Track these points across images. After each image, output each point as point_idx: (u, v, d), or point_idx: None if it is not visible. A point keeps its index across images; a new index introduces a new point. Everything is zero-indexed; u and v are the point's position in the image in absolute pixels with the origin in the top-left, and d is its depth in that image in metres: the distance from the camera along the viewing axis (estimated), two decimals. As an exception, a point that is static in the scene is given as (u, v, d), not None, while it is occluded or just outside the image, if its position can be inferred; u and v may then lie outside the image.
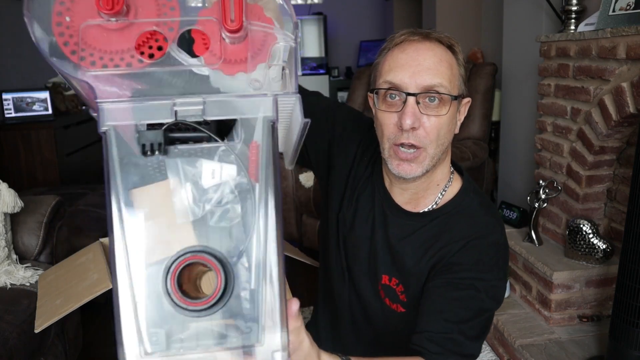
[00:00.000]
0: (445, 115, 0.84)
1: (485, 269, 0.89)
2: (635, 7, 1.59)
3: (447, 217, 0.93)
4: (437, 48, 0.85)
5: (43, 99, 3.22)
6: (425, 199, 0.95)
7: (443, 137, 0.86)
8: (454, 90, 0.85)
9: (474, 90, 2.81)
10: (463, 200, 0.94)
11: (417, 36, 0.86)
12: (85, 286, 1.02)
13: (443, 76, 0.83)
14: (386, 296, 0.97)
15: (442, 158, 0.90)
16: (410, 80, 0.83)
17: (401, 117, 0.83)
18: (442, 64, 0.84)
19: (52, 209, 1.85)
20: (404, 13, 4.87)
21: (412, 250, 0.94)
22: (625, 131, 1.72)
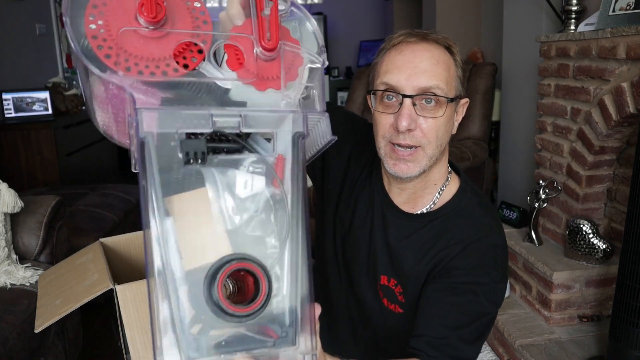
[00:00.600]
0: (442, 117, 0.84)
1: (484, 273, 0.88)
2: (635, 7, 1.59)
3: (445, 219, 0.92)
4: (434, 49, 0.84)
5: (43, 99, 3.22)
6: (423, 199, 0.95)
7: (441, 138, 0.86)
8: (450, 91, 0.85)
9: (474, 90, 2.81)
10: (461, 201, 0.94)
11: (415, 37, 0.85)
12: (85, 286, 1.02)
13: (440, 78, 0.83)
14: (384, 296, 0.97)
15: (439, 158, 0.90)
16: (406, 82, 0.83)
17: (397, 119, 0.83)
18: (439, 65, 0.84)
19: (52, 209, 1.85)
20: (404, 13, 4.87)
21: (412, 251, 0.94)
22: (625, 131, 1.72)
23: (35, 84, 3.58)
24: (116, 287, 0.96)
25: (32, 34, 3.79)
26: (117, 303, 0.96)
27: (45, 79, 3.67)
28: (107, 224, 2.41)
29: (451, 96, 0.85)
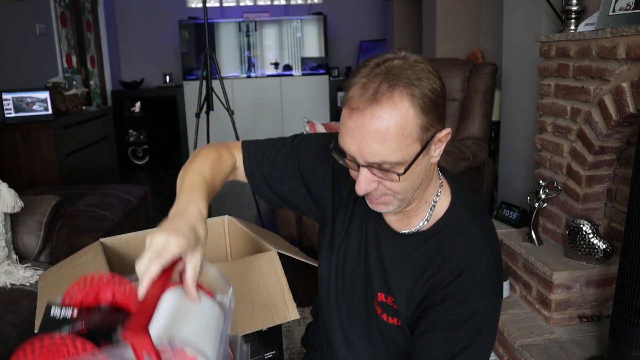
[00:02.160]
0: (404, 175, 0.79)
1: (480, 298, 0.88)
2: (635, 7, 1.59)
3: (439, 238, 0.91)
4: (384, 113, 0.75)
5: (43, 99, 3.22)
6: (416, 217, 0.93)
7: (409, 188, 0.83)
8: (407, 156, 0.78)
9: (474, 90, 2.81)
10: (453, 218, 0.91)
11: (365, 98, 0.76)
12: (85, 286, 1.01)
13: (388, 150, 0.76)
14: (383, 312, 0.97)
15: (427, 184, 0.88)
16: (357, 153, 0.79)
17: (356, 184, 0.81)
18: (388, 134, 0.76)
19: (52, 209, 1.85)
20: (404, 13, 4.87)
21: (406, 273, 0.93)
22: (625, 131, 1.72)
23: (35, 84, 3.58)
24: (116, 287, 0.96)
25: (32, 34, 3.79)
26: (117, 303, 0.96)
27: (45, 79, 3.67)
28: (107, 224, 2.41)
29: (411, 157, 0.78)
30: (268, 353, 1.14)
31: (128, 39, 5.87)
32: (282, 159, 1.03)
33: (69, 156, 3.29)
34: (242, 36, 5.82)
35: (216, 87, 3.44)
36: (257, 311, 1.06)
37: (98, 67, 5.33)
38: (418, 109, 0.77)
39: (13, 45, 3.48)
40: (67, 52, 4.52)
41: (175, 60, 5.86)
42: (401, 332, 0.96)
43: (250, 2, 5.98)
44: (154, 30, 5.85)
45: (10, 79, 3.39)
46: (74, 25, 4.70)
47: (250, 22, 5.75)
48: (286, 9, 6.02)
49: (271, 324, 1.07)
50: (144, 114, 5.66)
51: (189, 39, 5.69)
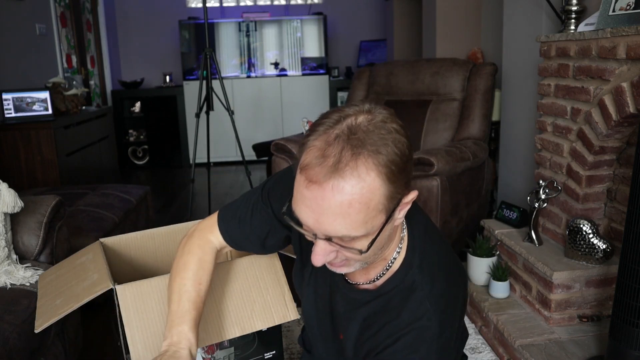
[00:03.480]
0: (365, 251, 0.73)
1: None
2: (635, 7, 1.59)
3: (386, 299, 0.86)
4: (347, 185, 0.67)
5: (43, 99, 3.22)
6: (375, 270, 0.87)
7: (370, 254, 0.76)
8: (372, 228, 0.71)
9: (474, 90, 2.81)
10: (403, 278, 0.86)
11: (326, 169, 0.67)
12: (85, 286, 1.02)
13: (353, 223, 0.69)
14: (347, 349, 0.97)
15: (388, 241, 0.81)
16: (315, 226, 0.71)
17: (312, 254, 0.75)
18: (352, 207, 0.68)
19: (52, 209, 1.85)
20: (404, 13, 4.87)
21: (355, 325, 0.91)
22: (625, 131, 1.72)
23: (35, 84, 3.58)
24: (116, 287, 0.96)
25: (32, 34, 3.79)
26: (117, 303, 0.96)
27: (45, 79, 3.67)
28: (107, 224, 2.41)
29: (376, 229, 0.72)
30: (268, 353, 1.14)
31: (128, 39, 5.87)
32: (258, 220, 0.99)
33: (69, 156, 3.29)
34: (242, 36, 5.82)
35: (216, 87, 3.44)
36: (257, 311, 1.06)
37: (98, 67, 5.33)
38: (384, 178, 0.68)
39: (13, 45, 3.48)
40: (67, 52, 4.52)
41: (175, 60, 5.86)
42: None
43: (250, 2, 5.98)
44: (154, 30, 5.85)
45: (10, 79, 3.39)
46: (74, 25, 4.70)
47: (250, 22, 5.75)
48: (286, 9, 6.02)
49: (271, 324, 1.07)
50: (144, 114, 5.66)
51: (189, 39, 5.69)
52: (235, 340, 1.08)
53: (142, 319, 0.97)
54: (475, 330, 2.06)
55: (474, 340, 2.00)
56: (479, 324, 2.05)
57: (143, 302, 0.97)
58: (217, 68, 3.32)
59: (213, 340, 1.03)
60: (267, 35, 5.88)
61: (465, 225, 2.61)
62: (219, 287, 1.05)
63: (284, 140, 2.87)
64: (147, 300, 0.98)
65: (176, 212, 3.97)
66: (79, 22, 4.87)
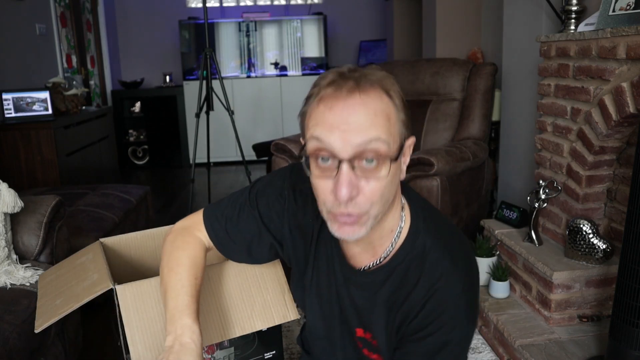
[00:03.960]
0: (387, 177, 0.74)
1: (451, 326, 0.84)
2: (635, 7, 1.59)
3: (402, 270, 0.87)
4: (369, 99, 0.72)
5: (43, 99, 3.22)
6: (381, 247, 0.87)
7: (387, 195, 0.77)
8: (394, 143, 0.74)
9: (474, 90, 2.81)
10: (412, 246, 0.86)
11: (345, 88, 0.72)
12: (85, 286, 1.02)
13: (380, 130, 0.72)
14: (364, 347, 0.96)
15: (389, 207, 0.82)
16: (342, 142, 0.71)
17: (336, 188, 0.73)
18: (378, 117, 0.72)
19: (52, 209, 1.85)
20: (404, 13, 4.87)
21: (379, 309, 0.90)
22: (625, 131, 1.72)
23: (35, 84, 3.58)
24: (116, 287, 0.96)
25: (32, 34, 3.79)
26: (117, 303, 0.96)
27: (45, 79, 3.68)
28: (107, 224, 2.41)
29: (395, 150, 0.74)
30: (268, 353, 1.14)
31: (128, 39, 5.87)
32: (245, 222, 0.98)
33: (69, 156, 3.29)
34: (242, 36, 5.82)
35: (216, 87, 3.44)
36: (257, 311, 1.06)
37: (98, 67, 5.33)
38: (398, 103, 0.75)
39: (13, 45, 3.48)
40: (67, 52, 4.52)
41: (175, 60, 5.86)
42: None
43: (250, 2, 5.98)
44: (154, 30, 5.85)
45: (10, 79, 3.39)
46: (74, 25, 4.70)
47: (250, 22, 5.75)
48: (286, 9, 6.02)
49: (271, 323, 1.07)
50: (144, 114, 5.66)
51: (189, 39, 5.69)
52: (235, 340, 1.08)
53: (142, 319, 0.97)
54: (475, 330, 2.06)
55: (474, 340, 2.00)
56: (479, 324, 2.05)
57: (143, 302, 0.97)
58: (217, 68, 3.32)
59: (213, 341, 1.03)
60: (267, 35, 5.88)
61: (465, 225, 2.61)
62: (218, 287, 1.04)
63: (284, 140, 2.87)
64: (147, 300, 0.98)
65: (176, 212, 3.97)
66: (79, 22, 4.87)
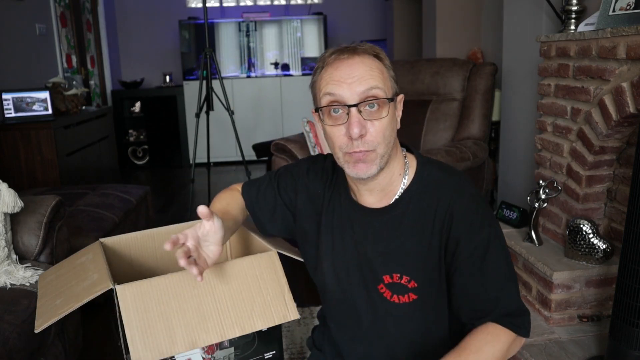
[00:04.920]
0: (387, 117, 0.93)
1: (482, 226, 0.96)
2: (635, 7, 1.59)
3: (419, 195, 0.99)
4: (365, 59, 0.94)
5: (43, 99, 3.22)
6: (393, 191, 1.01)
7: (389, 136, 0.95)
8: (388, 91, 0.95)
9: (474, 90, 2.81)
10: (424, 173, 1.01)
11: (346, 53, 0.95)
12: (85, 286, 1.02)
13: (377, 80, 0.93)
14: (395, 294, 1.00)
15: (393, 152, 0.98)
16: (349, 92, 0.92)
17: (349, 128, 0.92)
18: (374, 71, 0.93)
19: (52, 209, 1.85)
20: (404, 13, 4.87)
21: (406, 239, 0.99)
22: (625, 131, 1.72)
23: (35, 84, 3.58)
24: (116, 287, 0.96)
25: (32, 34, 3.79)
26: (117, 303, 0.96)
27: (45, 79, 3.68)
28: (107, 224, 2.41)
29: (390, 95, 0.94)
30: (268, 353, 1.14)
31: (128, 39, 5.87)
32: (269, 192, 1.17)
33: (69, 156, 3.29)
34: (242, 36, 5.82)
35: (216, 87, 3.44)
36: (257, 311, 1.06)
37: (98, 67, 5.33)
38: (388, 65, 0.97)
39: (13, 45, 3.48)
40: (67, 52, 4.52)
41: (175, 60, 5.86)
42: (416, 307, 1.00)
43: (250, 2, 5.98)
44: (154, 30, 5.85)
45: (10, 79, 3.39)
46: (74, 25, 4.70)
47: (250, 22, 5.75)
48: (286, 9, 6.02)
49: (271, 323, 1.07)
50: (144, 114, 5.66)
51: (189, 39, 5.69)
52: (235, 340, 1.08)
53: (142, 319, 0.97)
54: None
55: (474, 340, 2.00)
56: (479, 324, 2.05)
57: (143, 302, 0.97)
58: (217, 68, 3.32)
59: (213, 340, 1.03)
60: (267, 35, 5.88)
61: (465, 225, 2.61)
62: (219, 287, 1.05)
63: (284, 140, 2.87)
64: (147, 300, 0.98)
65: (176, 212, 3.97)
66: (79, 22, 4.87)
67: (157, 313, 0.98)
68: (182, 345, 0.99)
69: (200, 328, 1.01)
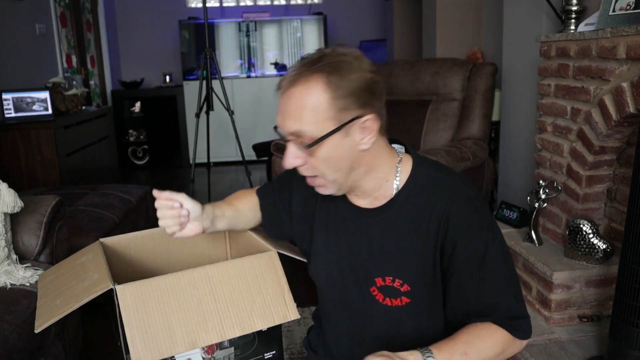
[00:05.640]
0: (321, 154, 0.88)
1: (480, 226, 0.92)
2: (635, 7, 1.59)
3: (414, 196, 0.96)
4: (303, 90, 0.86)
5: (43, 99, 3.22)
6: (385, 194, 0.98)
7: (336, 165, 0.90)
8: (320, 130, 0.87)
9: (474, 90, 2.81)
10: (419, 175, 0.97)
11: (286, 82, 0.89)
12: (85, 286, 1.02)
13: (304, 121, 0.87)
14: (387, 297, 0.99)
15: (365, 170, 0.94)
16: (281, 126, 0.91)
17: (283, 159, 0.92)
18: (304, 109, 0.86)
19: (52, 209, 1.85)
20: (404, 13, 4.87)
21: (404, 239, 0.96)
22: (625, 131, 1.72)
23: (35, 84, 3.58)
24: (116, 287, 0.96)
25: (32, 34, 3.79)
26: (117, 303, 0.96)
27: (45, 79, 3.67)
28: (107, 224, 2.41)
29: (318, 136, 0.87)
30: (268, 353, 1.14)
31: (128, 39, 5.87)
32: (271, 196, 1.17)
33: (69, 156, 3.29)
34: (242, 36, 5.82)
35: (216, 87, 3.44)
36: (257, 311, 1.06)
37: (98, 67, 5.33)
38: (332, 92, 0.86)
39: (13, 45, 3.48)
40: (67, 52, 4.52)
41: (175, 60, 5.86)
42: (409, 310, 0.98)
43: (250, 2, 5.98)
44: (154, 30, 5.85)
45: (10, 79, 3.39)
46: (74, 25, 4.70)
47: (250, 22, 5.75)
48: (286, 9, 6.02)
49: (271, 323, 1.07)
50: (144, 114, 5.66)
51: (189, 39, 5.69)
52: (235, 340, 1.08)
53: (142, 319, 0.97)
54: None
55: (474, 340, 2.00)
56: (479, 324, 2.05)
57: (143, 302, 0.97)
58: (217, 68, 3.32)
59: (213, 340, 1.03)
60: (267, 35, 5.88)
61: (465, 225, 2.61)
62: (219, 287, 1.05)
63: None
64: (147, 300, 0.98)
65: (176, 212, 3.96)
66: (79, 22, 4.87)
67: (157, 313, 0.98)
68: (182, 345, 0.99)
69: (200, 328, 1.01)
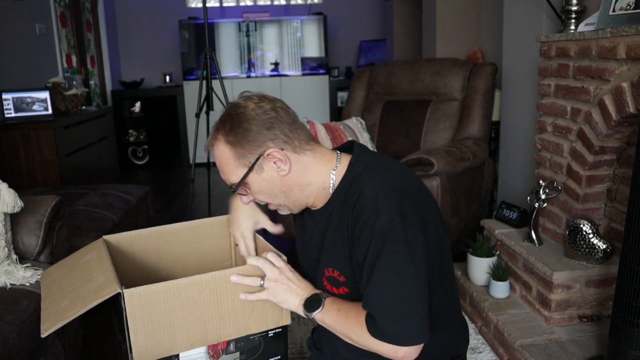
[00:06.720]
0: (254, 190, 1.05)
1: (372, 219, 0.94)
2: (635, 7, 1.59)
3: (342, 197, 1.03)
4: (216, 150, 1.04)
5: (43, 99, 3.22)
6: (327, 196, 1.07)
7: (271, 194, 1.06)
8: (238, 175, 1.03)
9: (474, 90, 2.81)
10: (350, 175, 1.04)
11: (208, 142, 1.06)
12: (92, 289, 1.01)
13: (227, 173, 1.04)
14: (333, 286, 1.08)
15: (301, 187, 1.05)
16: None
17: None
18: (222, 164, 1.04)
19: (52, 209, 1.85)
20: (404, 13, 4.87)
21: (336, 238, 1.04)
22: (625, 131, 1.72)
23: (35, 84, 3.58)
24: (124, 292, 0.95)
25: (32, 34, 3.79)
26: (123, 308, 0.96)
27: (45, 79, 3.67)
28: (107, 224, 2.40)
29: (237, 181, 1.04)
30: (273, 358, 1.15)
31: (128, 39, 5.87)
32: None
33: (69, 156, 3.29)
34: (242, 36, 5.82)
35: (216, 87, 3.44)
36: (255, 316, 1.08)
37: (98, 67, 5.33)
38: (232, 146, 1.01)
39: (13, 45, 3.48)
40: (67, 52, 4.51)
41: (175, 60, 5.86)
42: (349, 299, 1.05)
43: (250, 2, 5.98)
44: (154, 30, 5.85)
45: (10, 79, 3.39)
46: (74, 25, 4.70)
47: (250, 22, 5.75)
48: (286, 9, 6.02)
49: (264, 328, 1.09)
50: (144, 114, 5.66)
51: (189, 39, 5.69)
52: (241, 345, 1.09)
53: (147, 324, 0.97)
54: (475, 330, 2.06)
55: (474, 340, 2.00)
56: (479, 324, 2.05)
57: (150, 307, 0.97)
58: (217, 68, 3.32)
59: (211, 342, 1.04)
60: (267, 35, 5.88)
61: (465, 225, 2.61)
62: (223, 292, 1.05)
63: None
64: (155, 306, 0.97)
65: (176, 212, 3.97)
66: (79, 22, 4.87)
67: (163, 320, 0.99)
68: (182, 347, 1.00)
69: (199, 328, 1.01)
